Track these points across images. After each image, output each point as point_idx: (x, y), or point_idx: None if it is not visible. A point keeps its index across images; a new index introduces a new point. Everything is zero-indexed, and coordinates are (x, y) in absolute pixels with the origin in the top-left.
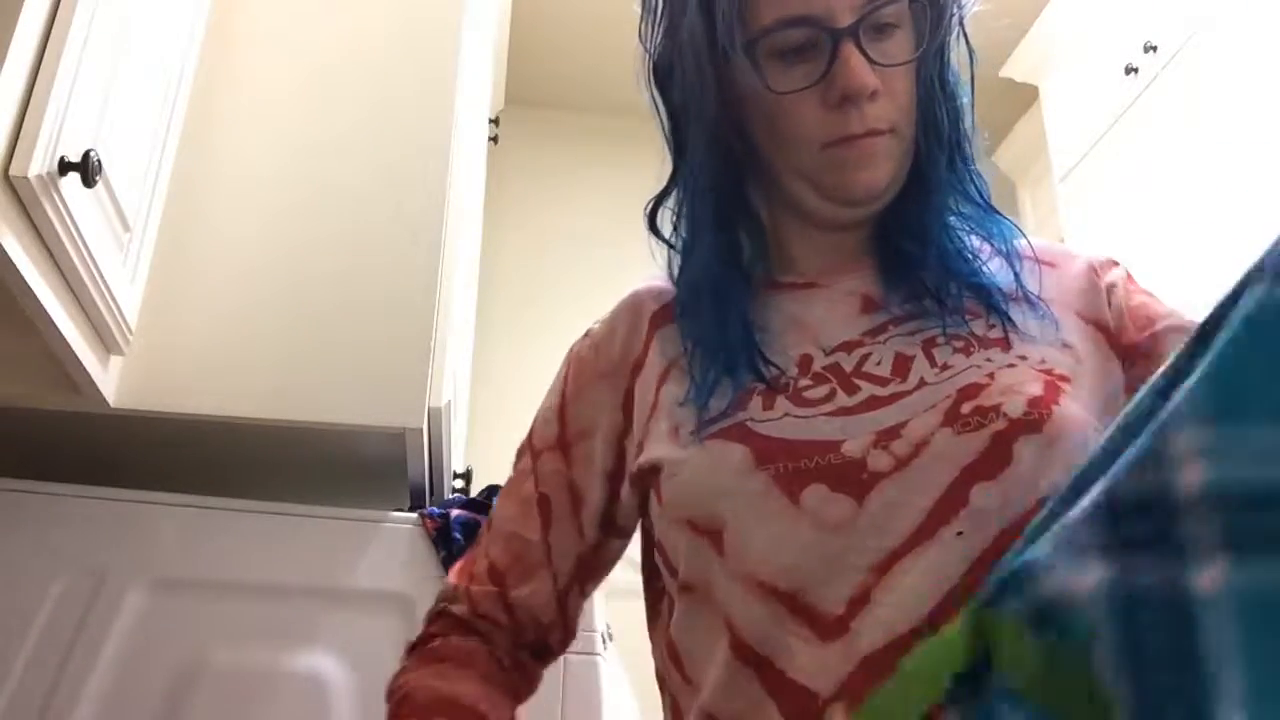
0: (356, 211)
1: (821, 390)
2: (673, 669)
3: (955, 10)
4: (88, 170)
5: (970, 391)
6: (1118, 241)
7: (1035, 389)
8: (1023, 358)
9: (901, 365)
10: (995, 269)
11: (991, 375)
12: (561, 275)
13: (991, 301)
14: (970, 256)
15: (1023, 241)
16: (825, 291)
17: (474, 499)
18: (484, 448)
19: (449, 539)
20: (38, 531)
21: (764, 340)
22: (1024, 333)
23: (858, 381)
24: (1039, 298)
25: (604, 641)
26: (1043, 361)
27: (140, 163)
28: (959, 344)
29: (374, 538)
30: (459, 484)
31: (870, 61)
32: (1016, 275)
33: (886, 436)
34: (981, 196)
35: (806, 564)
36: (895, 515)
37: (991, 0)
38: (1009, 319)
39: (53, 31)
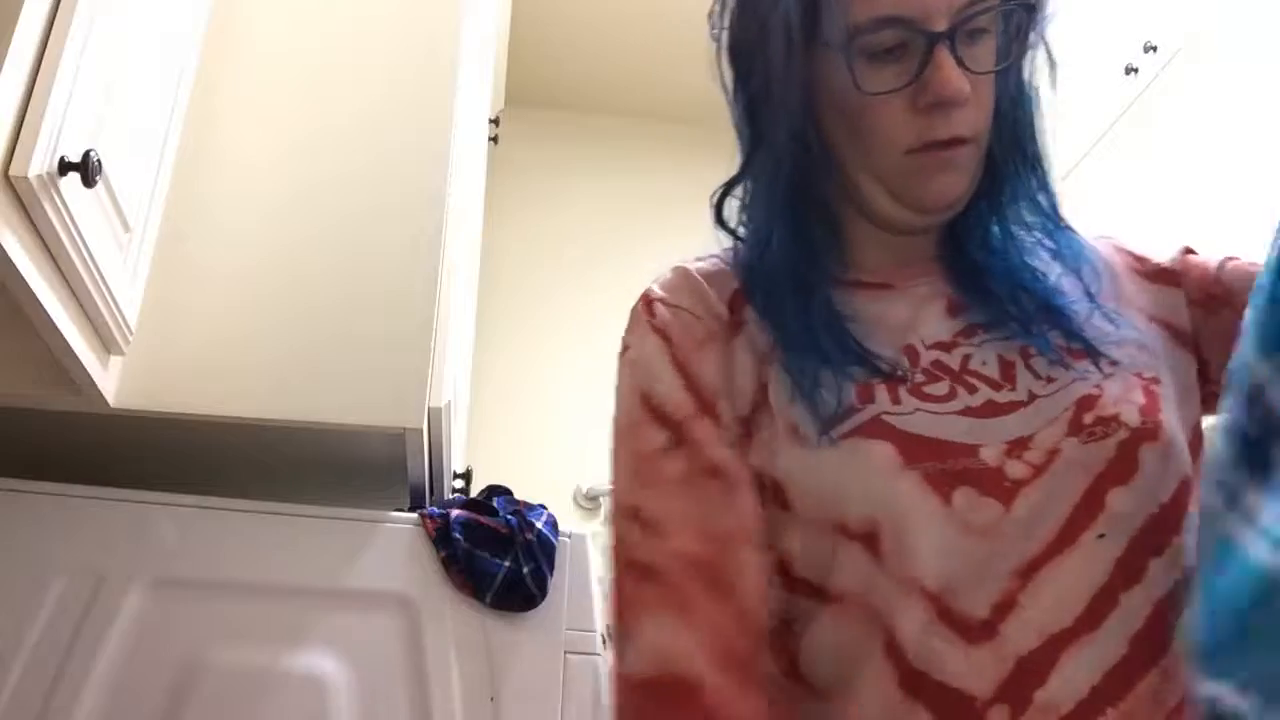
0: (356, 211)
1: (941, 387)
2: (793, 684)
3: (1041, 19)
4: (88, 170)
5: (1087, 403)
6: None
7: (1139, 397)
8: (1115, 364)
9: (1007, 370)
10: (1066, 285)
11: (1099, 386)
12: (561, 275)
13: (1066, 323)
14: (1037, 271)
15: (1088, 251)
16: (902, 292)
17: (474, 499)
18: (484, 448)
19: (449, 539)
20: (38, 531)
21: (857, 333)
22: (1104, 342)
23: (971, 380)
24: (1110, 305)
25: (604, 641)
26: (1134, 366)
27: (140, 163)
28: (1053, 356)
29: (374, 538)
30: (459, 484)
31: (963, 68)
32: (1088, 291)
33: (1018, 446)
34: (1052, 208)
35: (958, 568)
36: (1038, 521)
37: None
38: (1084, 337)
39: (53, 31)
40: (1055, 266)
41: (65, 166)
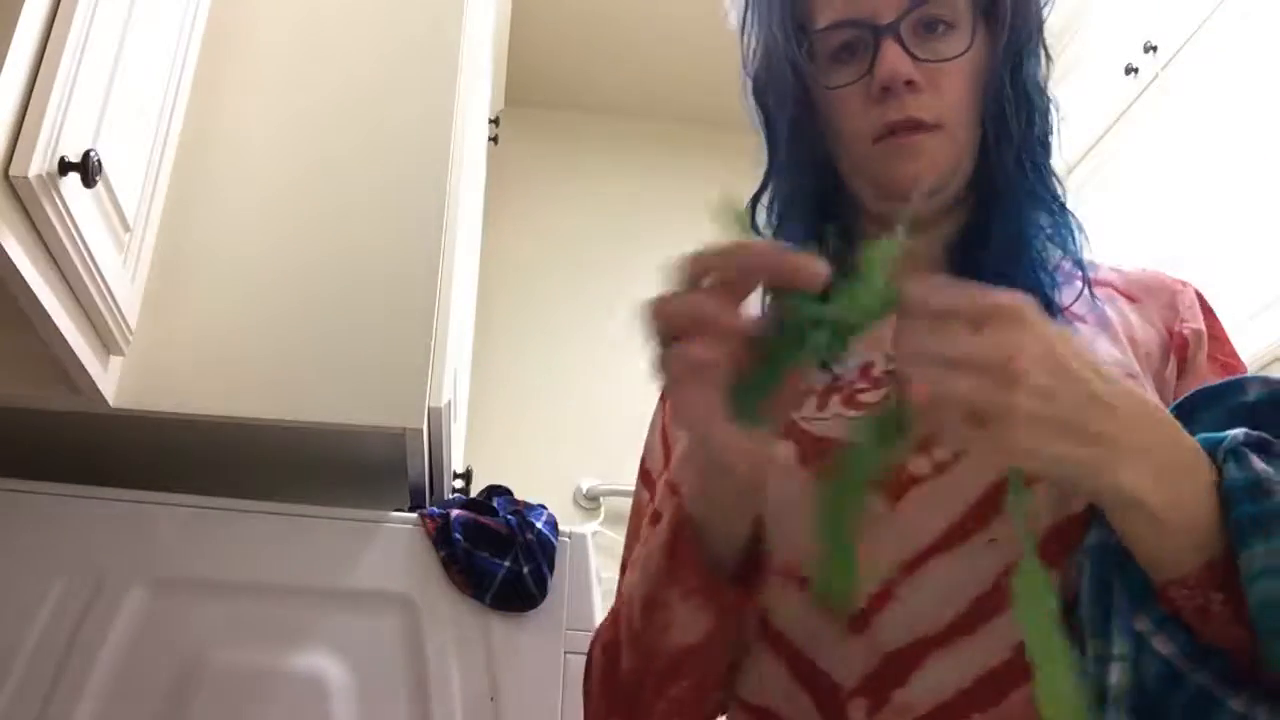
0: (356, 211)
1: (876, 395)
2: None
3: (1028, 17)
4: (88, 170)
5: None
6: (1118, 241)
7: None
8: None
9: None
10: (1066, 285)
11: None
12: (561, 275)
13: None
14: (1036, 268)
15: (1101, 265)
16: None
17: (474, 499)
18: (484, 448)
19: (449, 539)
20: (38, 531)
21: None
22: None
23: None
24: (1110, 324)
25: None
26: None
27: (140, 163)
28: None
29: (374, 538)
30: (459, 484)
31: (914, 57)
32: (1091, 293)
33: (929, 443)
34: (1058, 205)
35: None
36: (927, 517)
37: None
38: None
39: (53, 31)
40: (1064, 263)
41: (65, 166)
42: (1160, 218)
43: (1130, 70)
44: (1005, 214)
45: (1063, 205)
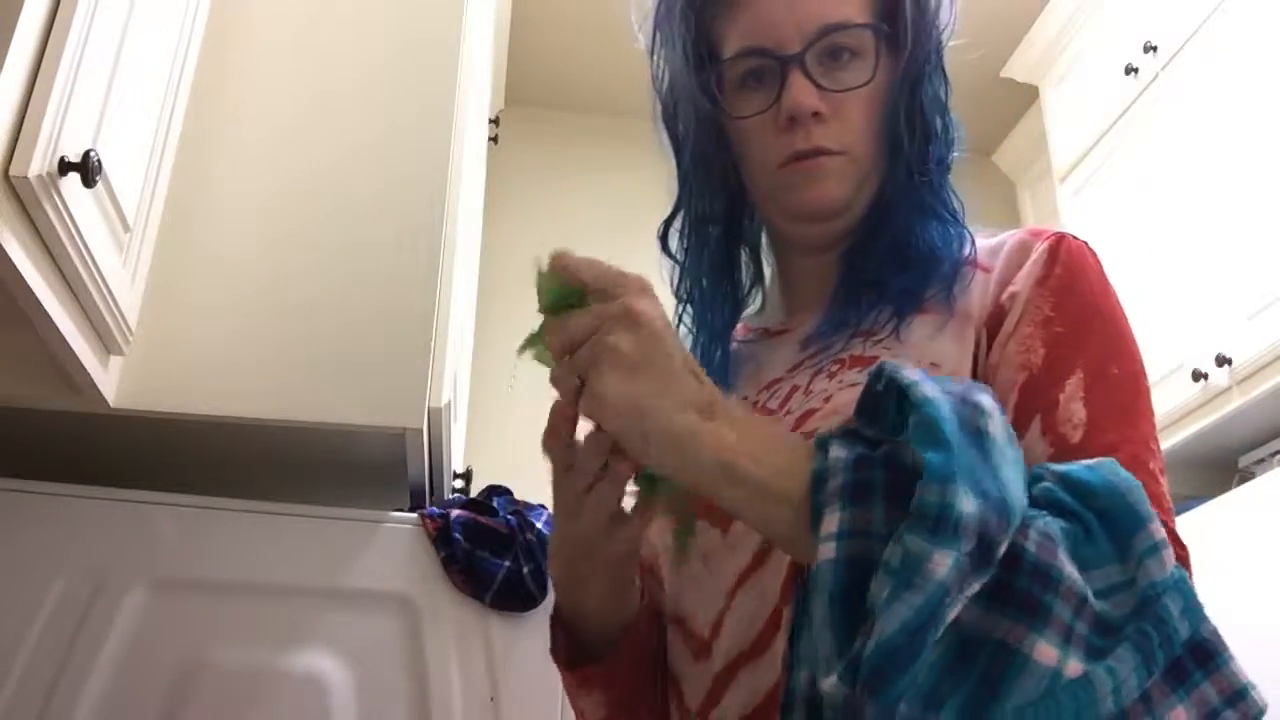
0: (356, 211)
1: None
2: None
3: (926, 42)
4: (88, 170)
5: (804, 419)
6: (1118, 241)
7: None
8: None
9: (789, 397)
10: (936, 287)
11: (829, 399)
12: None
13: (895, 319)
14: (916, 274)
15: (970, 248)
16: (790, 335)
17: (474, 499)
18: (484, 448)
19: (449, 539)
20: (38, 531)
21: (726, 387)
22: (908, 345)
23: (769, 413)
24: (969, 313)
25: None
26: None
27: (140, 163)
28: (835, 368)
29: (374, 538)
30: (459, 484)
31: (819, 87)
32: (948, 290)
33: None
34: (950, 216)
35: (690, 593)
36: (743, 543)
37: (992, 0)
38: (866, 350)
39: (53, 31)
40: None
41: (65, 166)
42: (1160, 217)
43: (1130, 70)
44: (892, 225)
45: (954, 216)
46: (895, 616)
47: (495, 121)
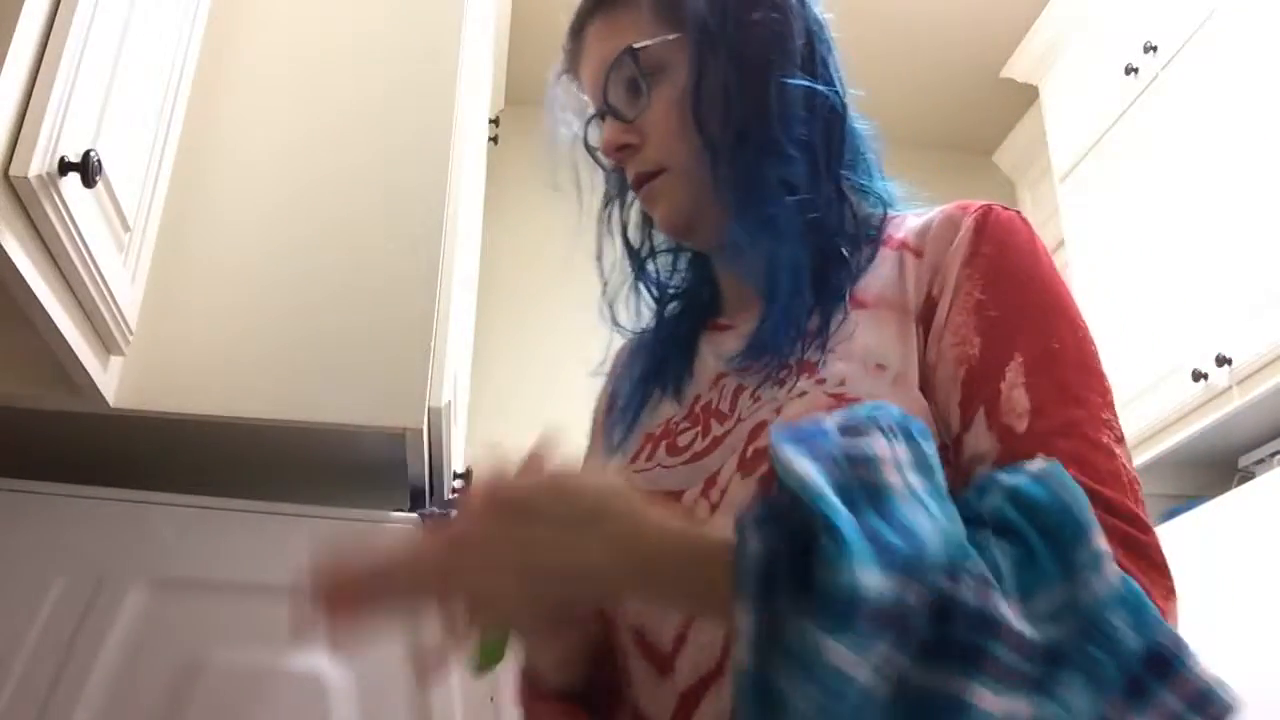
0: (356, 211)
1: (691, 435)
2: None
3: (715, 44)
4: (88, 170)
5: (756, 432)
6: (1118, 241)
7: None
8: (821, 381)
9: (734, 400)
10: (838, 273)
11: (779, 410)
12: (561, 275)
13: (794, 334)
14: (793, 273)
15: (905, 219)
16: (734, 331)
17: None
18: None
19: None
20: (38, 531)
21: (687, 380)
22: (844, 344)
23: (709, 419)
24: (905, 299)
25: None
26: (841, 383)
27: (140, 163)
28: (782, 373)
29: (374, 538)
30: (459, 484)
31: (624, 120)
32: (853, 279)
33: (709, 484)
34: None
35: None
36: None
37: (992, 0)
38: (802, 356)
39: (53, 31)
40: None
41: (65, 166)
42: (1160, 217)
43: (1130, 70)
44: (743, 222)
45: (840, 196)
46: (805, 710)
47: (495, 121)
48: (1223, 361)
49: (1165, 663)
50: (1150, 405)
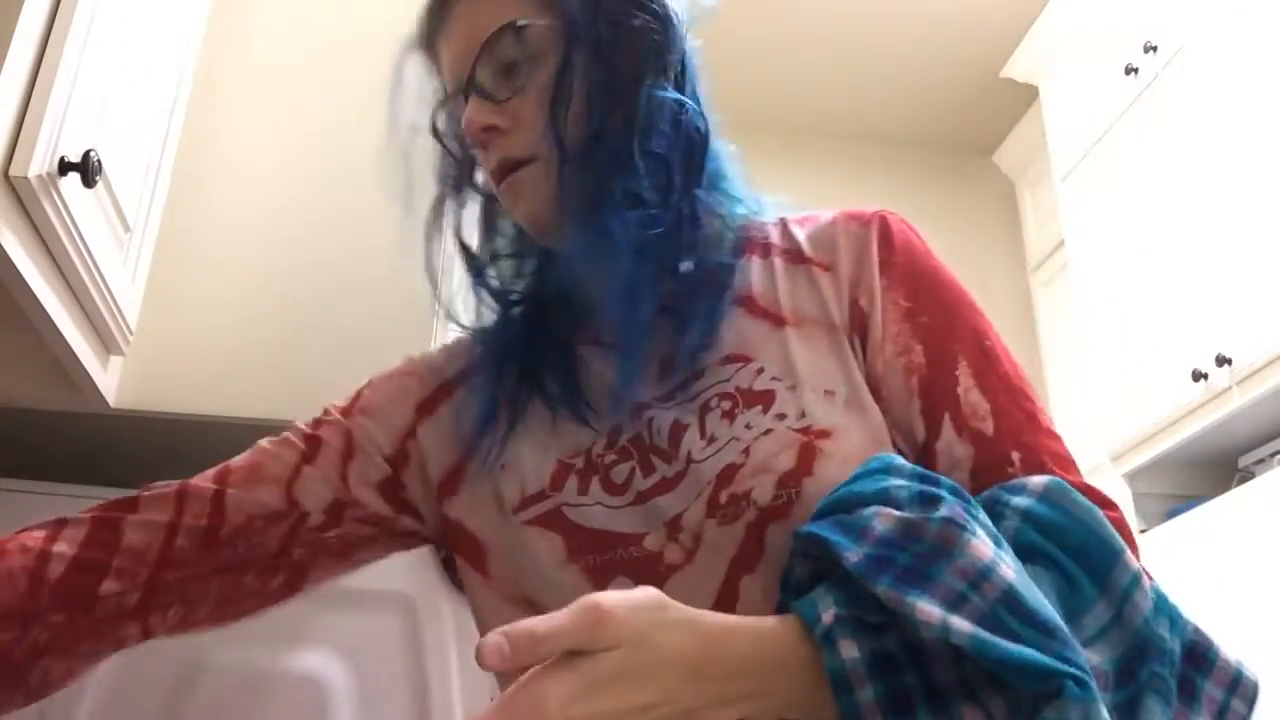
0: (357, 210)
1: (625, 470)
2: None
3: (587, 38)
4: (88, 170)
5: (727, 476)
6: (1118, 241)
7: (787, 461)
8: (781, 416)
9: (676, 436)
10: (756, 282)
11: (747, 451)
12: None
13: (738, 364)
14: (630, 294)
15: (791, 223)
16: (616, 350)
17: None
18: None
19: None
20: None
21: (585, 390)
22: (790, 372)
23: (652, 458)
24: (802, 318)
25: None
26: (802, 415)
27: (140, 163)
28: (727, 405)
29: None
30: None
31: (494, 101)
32: (723, 287)
33: (674, 529)
34: (717, 188)
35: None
36: (688, 602)
37: (992, 0)
38: (751, 387)
39: (53, 32)
40: (755, 256)
41: (65, 166)
42: (1160, 218)
43: (1130, 70)
44: (604, 222)
45: (675, 201)
46: None
47: None
48: (1223, 361)
49: (1202, 656)
50: (1150, 405)
